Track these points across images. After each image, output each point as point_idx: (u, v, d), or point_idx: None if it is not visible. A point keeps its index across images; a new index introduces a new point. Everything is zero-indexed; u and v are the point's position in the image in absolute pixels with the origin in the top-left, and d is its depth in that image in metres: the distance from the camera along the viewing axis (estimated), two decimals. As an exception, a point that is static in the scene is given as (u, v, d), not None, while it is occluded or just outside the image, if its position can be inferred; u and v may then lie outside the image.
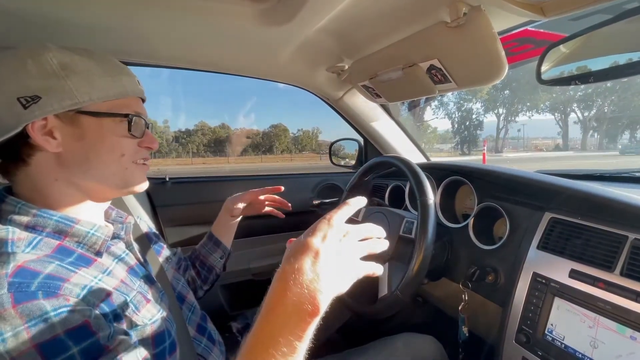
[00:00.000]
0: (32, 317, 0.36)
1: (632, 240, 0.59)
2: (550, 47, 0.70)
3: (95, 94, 0.48)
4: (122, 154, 0.52)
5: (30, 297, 0.36)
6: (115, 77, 0.51)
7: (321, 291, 0.36)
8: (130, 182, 0.54)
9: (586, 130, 33.24)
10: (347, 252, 0.41)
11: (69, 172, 0.48)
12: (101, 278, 0.45)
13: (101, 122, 0.49)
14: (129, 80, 0.53)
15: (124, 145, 0.52)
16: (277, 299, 0.36)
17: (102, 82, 0.49)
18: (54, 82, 0.45)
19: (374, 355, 0.82)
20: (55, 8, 0.69)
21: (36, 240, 0.43)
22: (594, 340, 0.58)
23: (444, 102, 34.44)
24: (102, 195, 0.53)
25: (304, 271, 0.37)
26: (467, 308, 0.83)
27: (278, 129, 39.54)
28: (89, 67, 0.48)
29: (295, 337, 0.35)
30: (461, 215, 1.05)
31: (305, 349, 0.37)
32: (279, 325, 0.35)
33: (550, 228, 0.71)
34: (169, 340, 0.50)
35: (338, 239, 0.40)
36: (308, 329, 0.36)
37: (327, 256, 0.38)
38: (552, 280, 0.66)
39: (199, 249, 0.88)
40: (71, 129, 0.47)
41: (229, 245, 0.90)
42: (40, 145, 0.46)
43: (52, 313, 0.36)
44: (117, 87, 0.51)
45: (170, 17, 0.76)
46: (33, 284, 0.37)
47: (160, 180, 1.22)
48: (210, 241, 0.88)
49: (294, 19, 0.75)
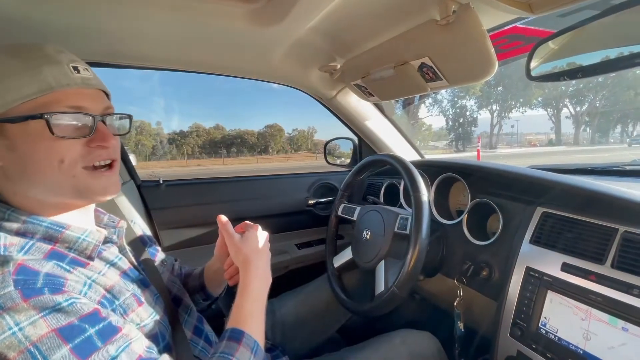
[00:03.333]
0: (46, 308, 0.37)
1: (622, 233, 0.59)
2: (539, 43, 0.71)
3: (9, 96, 0.42)
4: (61, 159, 0.45)
5: (38, 293, 0.37)
6: (35, 69, 0.43)
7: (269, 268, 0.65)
8: (85, 191, 0.48)
9: (578, 125, 33.57)
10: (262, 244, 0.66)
11: (17, 184, 0.45)
12: (95, 279, 0.45)
13: (25, 127, 0.43)
14: (56, 69, 0.45)
15: (60, 150, 0.44)
16: (253, 277, 0.60)
17: (20, 80, 0.43)
18: None
19: (372, 352, 0.82)
20: (43, 9, 0.68)
21: (28, 245, 0.43)
22: (587, 333, 0.59)
23: (438, 99, 34.54)
24: (64, 206, 0.49)
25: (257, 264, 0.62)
26: (463, 303, 0.84)
27: (273, 129, 39.43)
28: (5, 64, 0.43)
29: (263, 296, 0.60)
30: (455, 212, 1.06)
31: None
32: (256, 289, 0.60)
33: (542, 222, 0.72)
34: (163, 344, 0.50)
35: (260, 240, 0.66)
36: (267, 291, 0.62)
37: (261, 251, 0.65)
38: (545, 274, 0.67)
39: (189, 280, 0.78)
40: (2, 140, 0.43)
41: (218, 292, 0.79)
42: None
43: (64, 304, 0.38)
44: (35, 83, 0.43)
45: (161, 18, 0.76)
46: (38, 281, 0.38)
47: (154, 183, 1.21)
48: (198, 280, 0.77)
49: (285, 19, 0.75)
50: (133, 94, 69.69)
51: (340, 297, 0.96)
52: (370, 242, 0.94)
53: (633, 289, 0.54)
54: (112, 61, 0.95)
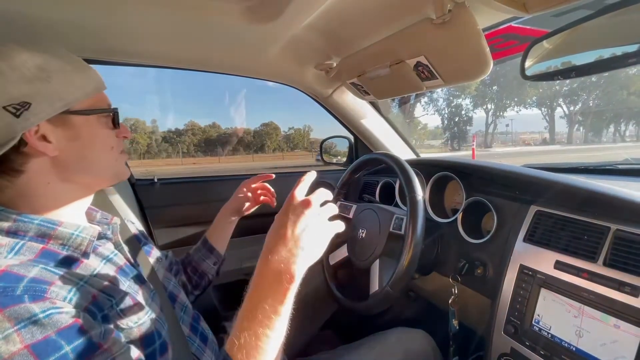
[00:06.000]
0: (21, 319, 0.35)
1: (614, 231, 0.60)
2: (533, 43, 0.71)
3: (77, 92, 0.48)
4: (112, 146, 0.54)
5: (17, 301, 0.35)
6: (84, 73, 0.51)
7: (296, 262, 0.46)
8: (119, 172, 0.57)
9: (572, 124, 33.90)
10: (312, 222, 0.48)
11: (65, 172, 0.49)
12: (87, 280, 0.44)
13: (89, 120, 0.50)
14: (96, 74, 0.53)
15: (111, 139, 0.54)
16: (261, 270, 0.46)
17: (79, 80, 0.49)
18: (39, 85, 0.44)
19: (367, 350, 0.83)
20: (36, 5, 0.67)
21: (18, 246, 0.42)
22: (580, 330, 0.60)
23: (434, 98, 34.71)
24: (95, 187, 0.55)
25: (277, 250, 0.46)
26: (457, 301, 0.84)
27: (269, 127, 39.29)
28: (62, 66, 0.48)
29: (277, 301, 0.44)
30: (450, 210, 1.06)
31: (287, 311, 0.45)
32: (265, 290, 0.45)
33: (536, 221, 0.73)
34: (159, 341, 0.49)
35: (302, 213, 0.48)
36: (288, 294, 0.45)
37: (296, 231, 0.47)
38: (538, 272, 0.67)
39: (192, 254, 0.86)
40: (64, 131, 0.47)
41: (223, 251, 0.88)
42: (39, 152, 0.45)
43: (40, 315, 0.36)
44: (91, 83, 0.51)
45: (155, 15, 0.75)
46: (18, 288, 0.36)
47: (149, 182, 1.20)
48: (204, 247, 0.86)
49: (281, 16, 0.75)
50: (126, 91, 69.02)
51: (336, 295, 0.96)
52: (365, 241, 0.94)
53: (625, 287, 0.55)
54: (106, 58, 0.94)
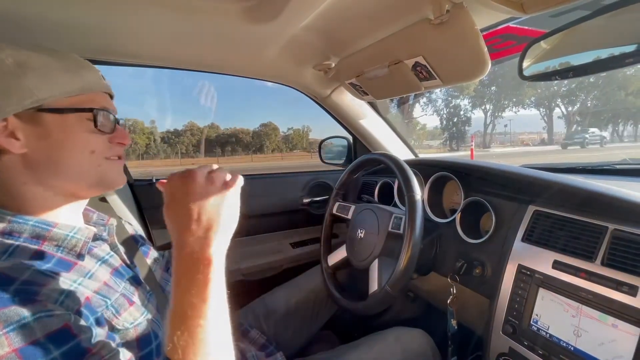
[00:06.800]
0: (10, 322, 0.35)
1: (612, 231, 0.60)
2: (531, 43, 0.72)
3: (56, 89, 0.46)
4: (92, 150, 0.50)
5: (6, 304, 0.35)
6: (76, 72, 0.49)
7: (209, 245, 0.43)
8: (105, 179, 0.53)
9: (570, 124, 33.99)
10: (206, 198, 0.45)
11: (37, 173, 0.47)
12: (81, 282, 0.44)
13: (65, 119, 0.47)
14: (92, 74, 0.51)
15: (92, 142, 0.50)
16: (177, 268, 0.43)
17: (62, 78, 0.48)
18: (10, 81, 0.44)
19: (366, 350, 0.83)
20: (35, 5, 0.67)
21: (12, 248, 0.42)
22: (578, 329, 0.60)
23: (433, 98, 34.69)
24: (78, 194, 0.52)
25: (186, 243, 0.43)
26: (456, 301, 0.84)
27: (268, 127, 39.24)
28: (47, 62, 0.47)
29: (201, 289, 0.41)
30: (449, 210, 1.06)
31: (218, 294, 0.42)
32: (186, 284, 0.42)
33: (534, 221, 0.73)
34: (156, 342, 0.49)
35: (187, 194, 0.46)
36: (210, 276, 0.42)
37: (194, 216, 0.44)
38: (537, 272, 0.67)
39: None
40: (33, 128, 0.46)
41: None
42: (4, 148, 0.44)
43: (30, 318, 0.36)
44: (78, 82, 0.49)
45: (153, 15, 0.75)
46: (9, 291, 0.36)
47: (147, 182, 1.20)
48: None
49: (279, 17, 0.75)
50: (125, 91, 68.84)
51: (334, 295, 0.96)
52: (364, 241, 0.94)
53: (622, 286, 0.55)
54: (105, 58, 0.94)
